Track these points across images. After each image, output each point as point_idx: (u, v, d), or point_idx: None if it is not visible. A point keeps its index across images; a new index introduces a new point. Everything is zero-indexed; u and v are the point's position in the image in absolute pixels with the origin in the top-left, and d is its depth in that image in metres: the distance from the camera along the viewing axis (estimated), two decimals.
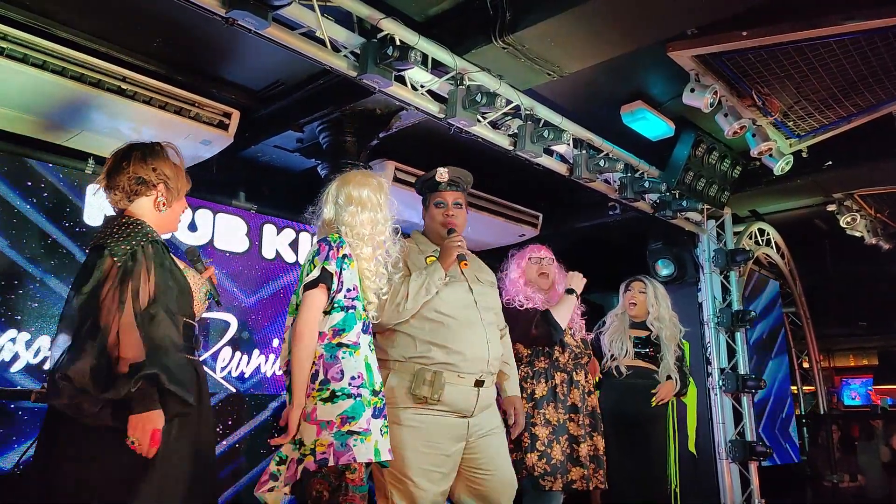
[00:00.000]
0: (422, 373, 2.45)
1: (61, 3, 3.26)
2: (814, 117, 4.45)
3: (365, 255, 2.44)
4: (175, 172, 2.14)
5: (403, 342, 2.53)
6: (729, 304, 5.62)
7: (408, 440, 2.44)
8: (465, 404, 2.51)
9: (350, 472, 2.26)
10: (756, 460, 5.34)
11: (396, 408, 2.46)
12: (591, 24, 3.20)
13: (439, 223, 2.72)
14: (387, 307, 2.49)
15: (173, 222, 2.20)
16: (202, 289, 2.13)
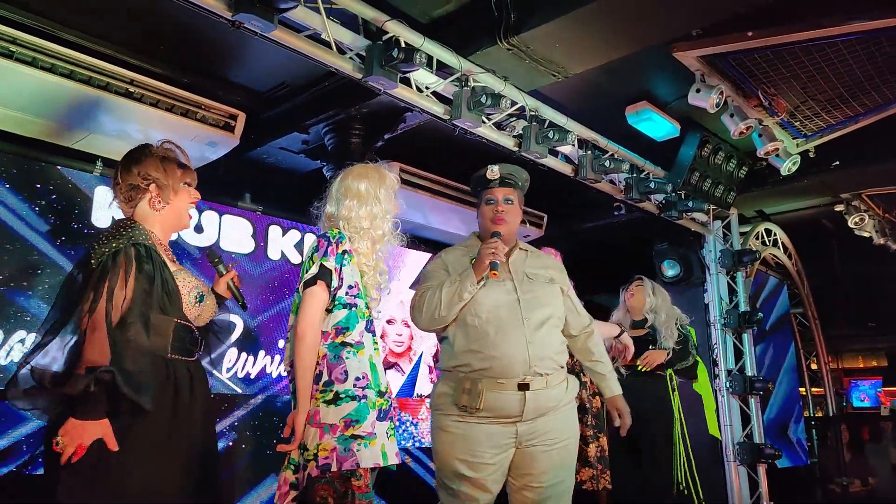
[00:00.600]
0: (462, 381, 2.39)
1: (69, 7, 3.29)
2: (821, 117, 4.43)
3: (363, 249, 2.35)
4: (165, 170, 2.10)
5: (446, 350, 2.49)
6: (736, 304, 5.60)
7: (451, 447, 2.39)
8: (508, 408, 2.36)
9: (356, 478, 2.15)
10: (765, 463, 5.31)
11: (442, 414, 2.43)
12: (595, 26, 3.21)
13: (489, 220, 2.59)
14: (424, 313, 2.44)
15: (179, 217, 2.17)
16: (193, 292, 2.06)
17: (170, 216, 2.13)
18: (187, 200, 2.17)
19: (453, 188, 5.07)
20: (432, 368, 5.70)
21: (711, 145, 4.78)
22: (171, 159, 2.15)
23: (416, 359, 5.57)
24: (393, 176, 2.54)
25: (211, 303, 2.17)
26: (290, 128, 4.18)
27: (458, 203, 5.11)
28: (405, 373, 5.47)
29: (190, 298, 2.05)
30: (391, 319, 5.45)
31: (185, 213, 2.18)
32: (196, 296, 2.07)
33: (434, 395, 2.48)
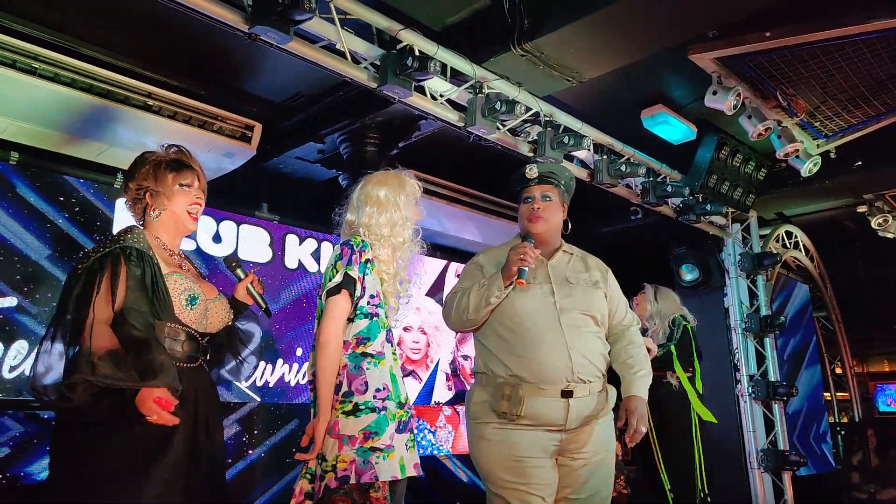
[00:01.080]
0: (501, 387, 2.27)
1: (88, 23, 3.34)
2: (841, 117, 4.37)
3: (383, 257, 2.31)
4: (155, 177, 2.05)
5: (484, 354, 2.39)
6: (757, 308, 5.53)
7: (492, 456, 2.28)
8: (552, 416, 2.25)
9: (374, 490, 2.13)
10: (790, 470, 5.22)
11: (480, 422, 2.32)
12: (610, 30, 3.19)
13: (525, 219, 2.50)
14: (453, 315, 2.37)
15: (179, 222, 2.09)
16: (183, 295, 1.96)
17: (168, 221, 2.07)
18: (184, 203, 2.08)
19: (468, 195, 5.07)
20: (449, 376, 5.69)
21: (729, 147, 4.74)
22: (165, 164, 2.08)
23: (433, 366, 5.56)
24: (415, 182, 2.49)
25: (218, 308, 2.10)
26: (306, 138, 4.21)
27: (473, 210, 5.11)
28: (422, 380, 5.46)
29: (181, 301, 1.96)
30: (408, 327, 5.45)
31: (183, 216, 2.08)
32: (187, 298, 1.97)
33: (470, 402, 2.36)
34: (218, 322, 2.10)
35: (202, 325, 2.03)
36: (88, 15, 3.28)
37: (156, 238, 2.04)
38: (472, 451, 2.37)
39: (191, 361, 1.98)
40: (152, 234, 2.05)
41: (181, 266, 2.06)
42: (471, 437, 2.37)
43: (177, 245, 2.11)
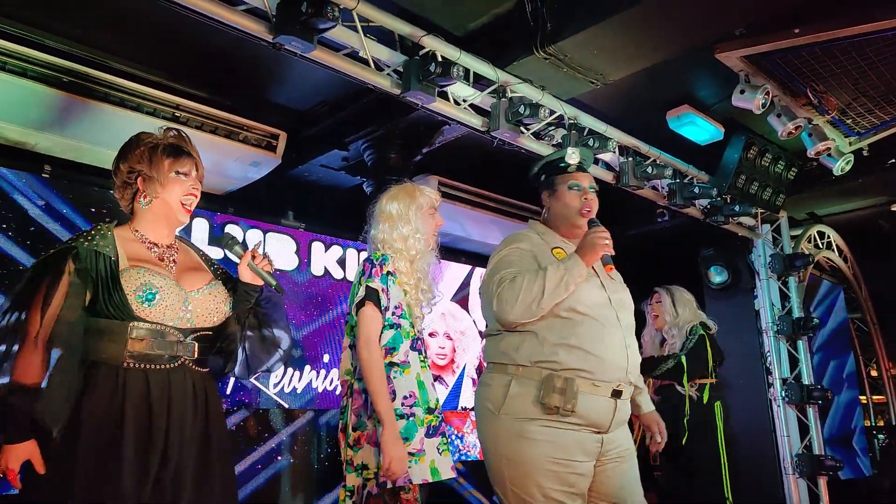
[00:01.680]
0: (551, 379, 2.08)
1: (118, 37, 3.40)
2: (874, 114, 4.27)
3: (403, 269, 2.42)
4: (151, 161, 1.90)
5: (530, 344, 2.15)
6: (789, 310, 5.42)
7: (536, 457, 2.07)
8: (600, 417, 2.13)
9: (405, 492, 2.23)
10: (825, 475, 5.10)
11: (521, 419, 2.10)
12: (634, 31, 3.16)
13: (575, 209, 2.34)
14: (519, 303, 2.11)
15: (171, 212, 1.93)
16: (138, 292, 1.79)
17: (159, 210, 1.92)
18: (178, 193, 1.92)
19: (492, 199, 5.06)
20: (475, 381, 5.67)
21: (758, 147, 4.65)
22: (159, 147, 1.93)
23: (459, 371, 5.55)
24: (429, 193, 2.57)
25: (205, 299, 1.91)
26: (331, 145, 4.23)
27: (497, 214, 5.10)
28: (448, 386, 5.45)
29: (135, 298, 1.78)
30: (433, 332, 5.44)
31: (176, 206, 1.93)
32: (142, 294, 1.78)
33: (501, 397, 2.13)
34: (207, 314, 1.91)
35: (183, 319, 1.85)
36: (118, 30, 3.33)
37: (134, 231, 1.92)
38: (501, 450, 2.13)
39: (170, 362, 1.81)
40: (132, 226, 1.93)
41: (162, 258, 1.91)
42: (502, 435, 2.12)
43: (165, 236, 1.96)
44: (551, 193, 2.42)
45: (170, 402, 1.78)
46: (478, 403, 2.23)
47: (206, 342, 1.92)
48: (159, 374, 1.79)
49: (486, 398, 2.18)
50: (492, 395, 2.16)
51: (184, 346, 1.85)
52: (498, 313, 2.15)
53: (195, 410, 1.83)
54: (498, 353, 2.21)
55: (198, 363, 1.89)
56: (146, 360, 1.78)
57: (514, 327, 2.17)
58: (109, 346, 1.76)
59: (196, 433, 1.82)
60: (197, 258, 2.06)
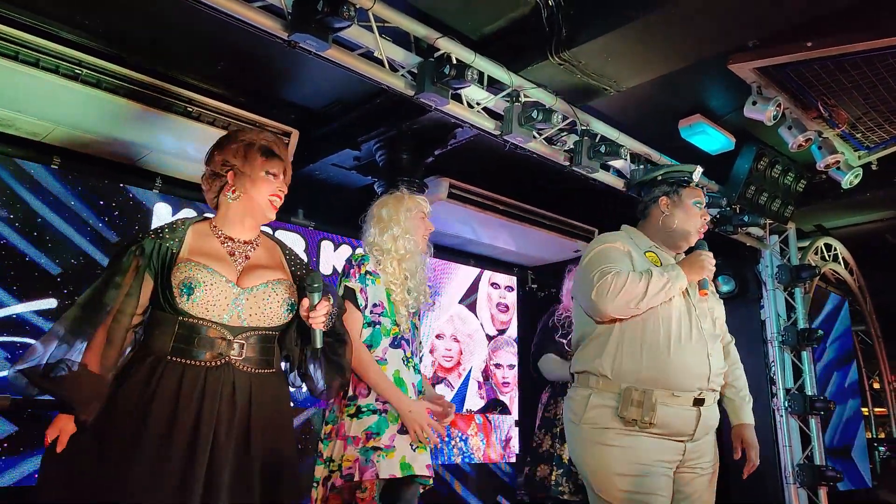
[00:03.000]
0: (629, 392, 2.10)
1: (130, 31, 3.42)
2: (883, 128, 4.28)
3: (390, 269, 2.51)
4: (245, 156, 1.95)
5: (609, 355, 2.17)
6: (794, 321, 5.42)
7: (613, 462, 2.09)
8: (684, 426, 2.14)
9: (360, 490, 2.29)
10: (826, 485, 5.11)
11: (599, 428, 2.14)
12: (649, 39, 3.17)
13: (695, 227, 2.40)
14: (619, 298, 2.11)
15: (257, 209, 1.96)
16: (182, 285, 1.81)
17: (246, 207, 1.95)
18: (266, 192, 1.95)
19: (503, 203, 5.07)
20: (481, 384, 5.68)
21: (768, 158, 4.66)
22: (255, 145, 1.97)
23: (465, 374, 5.56)
24: (420, 200, 2.68)
25: (259, 299, 1.88)
26: (342, 144, 4.24)
27: (507, 218, 5.11)
28: (454, 388, 5.46)
29: (178, 291, 1.79)
30: (440, 334, 5.45)
31: (263, 205, 1.96)
32: (183, 289, 1.79)
33: (582, 408, 2.18)
34: (261, 313, 1.88)
35: (232, 317, 1.83)
36: (131, 22, 3.35)
37: (213, 226, 1.95)
38: (583, 458, 2.18)
39: (212, 360, 1.79)
40: (213, 221, 1.97)
41: (233, 253, 1.92)
42: (583, 443, 2.18)
43: (246, 231, 1.98)
44: (673, 203, 2.41)
45: (202, 399, 1.75)
46: (564, 415, 2.33)
47: (265, 342, 1.90)
48: (196, 370, 1.78)
49: (570, 409, 2.26)
50: (574, 406, 2.23)
51: (231, 344, 1.82)
52: (596, 302, 2.14)
53: (232, 410, 1.78)
54: (581, 364, 2.26)
55: (249, 362, 1.85)
56: (185, 354, 1.79)
57: (605, 320, 2.19)
58: (159, 339, 1.80)
59: (233, 434, 1.77)
60: (279, 257, 2.06)
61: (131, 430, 1.70)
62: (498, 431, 5.72)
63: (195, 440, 1.71)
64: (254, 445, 1.80)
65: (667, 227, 2.39)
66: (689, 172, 2.44)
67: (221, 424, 1.76)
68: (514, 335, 6.08)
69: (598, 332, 2.22)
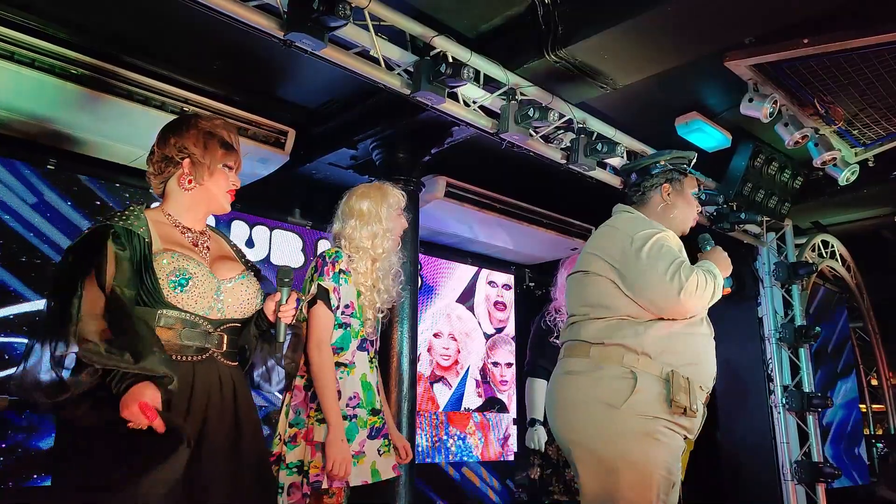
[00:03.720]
0: (676, 376, 1.94)
1: (125, 31, 3.41)
2: (880, 125, 4.28)
3: (362, 269, 2.38)
4: (205, 146, 1.86)
5: (655, 335, 2.00)
6: (791, 318, 5.43)
7: (659, 461, 1.92)
8: (697, 424, 2.05)
9: (328, 496, 2.20)
10: (824, 482, 5.12)
11: (649, 416, 1.93)
12: (645, 37, 3.17)
13: (692, 218, 2.35)
14: (703, 297, 2.00)
15: (213, 200, 1.89)
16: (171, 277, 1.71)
17: (200, 198, 1.88)
18: (224, 186, 1.89)
19: (500, 201, 5.07)
20: (479, 382, 5.68)
21: (764, 155, 4.67)
22: (215, 136, 1.89)
23: (462, 372, 5.56)
24: (398, 193, 2.53)
25: (238, 289, 1.84)
26: (339, 143, 4.24)
27: (504, 216, 5.11)
28: (452, 387, 5.46)
29: (167, 283, 1.71)
30: (438, 333, 5.45)
31: (219, 198, 1.90)
32: (175, 279, 1.72)
33: (627, 389, 1.96)
34: (239, 305, 1.85)
35: (214, 309, 1.78)
36: (126, 21, 3.34)
37: (167, 215, 1.86)
38: (623, 449, 1.94)
39: (197, 354, 1.74)
40: (163, 209, 1.87)
41: (196, 243, 1.86)
42: (625, 433, 1.94)
43: (198, 222, 1.90)
44: (676, 191, 2.31)
45: (191, 396, 1.69)
46: (579, 396, 2.04)
47: (236, 335, 1.86)
48: (184, 366, 1.70)
49: (599, 390, 1.99)
50: (607, 387, 1.98)
51: (213, 337, 1.78)
52: (683, 298, 1.96)
53: (222, 405, 1.75)
54: (611, 335, 2.03)
55: (227, 356, 1.82)
56: (173, 350, 1.70)
57: (665, 317, 2.03)
58: None
59: (224, 428, 1.74)
60: (228, 248, 2.00)
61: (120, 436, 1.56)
62: (496, 430, 5.72)
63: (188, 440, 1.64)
64: (244, 440, 1.77)
65: (666, 216, 2.28)
66: (690, 159, 2.39)
67: (212, 422, 1.71)
68: (511, 333, 6.08)
69: (642, 313, 2.05)
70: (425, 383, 5.23)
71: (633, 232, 2.11)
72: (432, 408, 5.26)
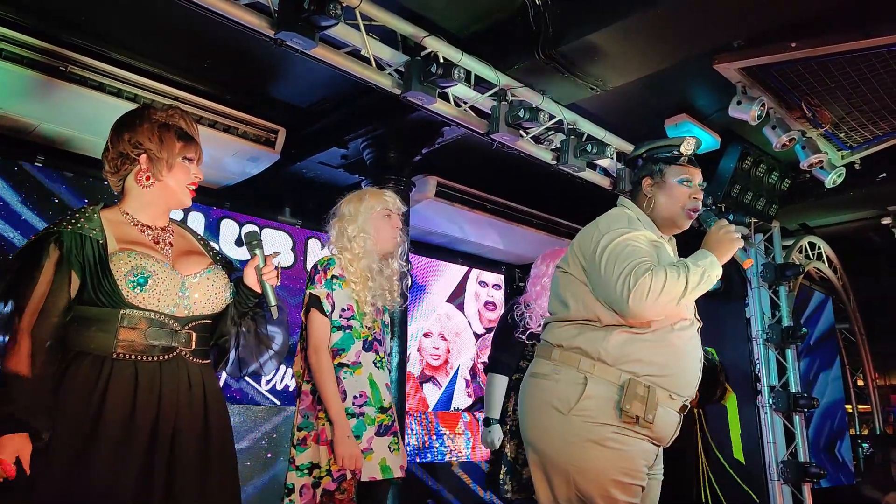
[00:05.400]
0: (633, 384, 1.88)
1: (116, 27, 3.39)
2: (866, 128, 4.33)
3: (352, 269, 2.48)
4: (161, 140, 1.78)
5: (617, 340, 1.92)
6: (779, 319, 5.48)
7: (607, 466, 1.88)
8: (667, 431, 1.98)
9: (339, 492, 2.29)
10: (810, 482, 5.17)
11: (594, 423, 1.89)
12: (634, 39, 3.19)
13: (682, 208, 2.13)
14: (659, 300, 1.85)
15: (173, 196, 1.83)
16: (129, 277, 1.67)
17: (160, 195, 1.81)
18: (184, 180, 1.83)
19: (491, 201, 5.08)
20: (469, 382, 5.69)
21: (752, 157, 4.70)
22: (171, 128, 1.81)
23: (452, 372, 5.57)
24: (387, 198, 2.62)
25: (204, 284, 1.80)
26: (330, 143, 4.24)
27: (495, 216, 5.12)
28: (442, 386, 5.47)
29: (125, 283, 1.65)
30: (428, 333, 5.46)
31: (179, 193, 1.83)
32: (133, 279, 1.66)
33: (575, 395, 1.91)
34: (206, 300, 1.80)
35: (180, 306, 1.74)
36: (116, 20, 3.33)
37: (124, 213, 1.79)
38: (568, 455, 1.91)
39: (164, 353, 1.70)
40: (121, 207, 1.80)
41: (156, 241, 1.80)
42: (570, 439, 1.90)
43: (158, 218, 1.84)
44: (656, 183, 2.15)
45: (160, 396, 1.66)
46: (537, 399, 2.00)
47: (206, 332, 1.82)
48: (150, 366, 1.67)
49: (553, 395, 1.95)
50: (561, 392, 1.93)
51: (180, 335, 1.73)
52: (633, 309, 1.86)
53: (191, 404, 1.72)
54: (570, 339, 1.97)
55: (196, 354, 1.77)
56: (138, 350, 1.66)
57: (628, 323, 1.93)
58: (98, 336, 1.64)
59: (195, 428, 1.71)
60: (195, 242, 1.94)
61: (81, 441, 1.55)
62: None
63: (154, 442, 1.63)
64: (213, 439, 1.74)
65: (650, 209, 2.16)
66: (675, 146, 2.17)
67: (182, 422, 1.68)
68: None
69: (607, 317, 1.97)
70: (415, 383, 5.23)
71: (604, 230, 2.02)
72: (422, 407, 5.27)
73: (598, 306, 1.97)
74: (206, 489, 1.69)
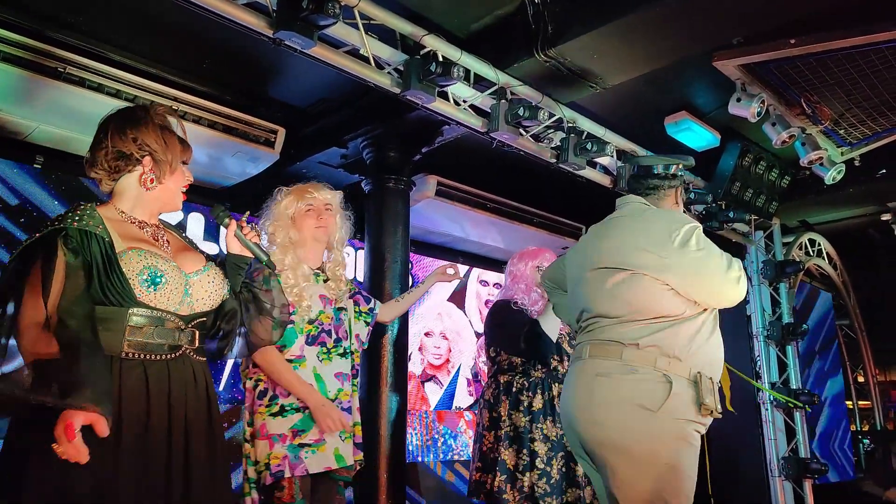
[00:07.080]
0: (703, 378, 1.94)
1: (114, 28, 3.39)
2: (866, 125, 4.32)
3: (284, 268, 2.50)
4: (166, 143, 1.78)
5: (685, 336, 1.99)
6: (779, 316, 5.48)
7: (692, 464, 1.93)
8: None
9: (278, 490, 2.32)
10: (811, 478, 5.17)
11: (681, 420, 1.93)
12: (634, 36, 3.18)
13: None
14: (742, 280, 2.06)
15: (171, 200, 1.84)
16: (142, 275, 1.65)
17: (160, 197, 1.81)
18: (181, 183, 1.84)
19: (491, 200, 5.08)
20: (470, 381, 5.69)
21: (752, 155, 4.71)
22: (170, 131, 1.81)
23: (454, 371, 5.57)
24: (307, 192, 2.65)
25: (204, 281, 1.79)
26: (329, 142, 4.23)
27: (495, 215, 5.12)
28: (443, 385, 5.47)
29: (138, 281, 1.64)
30: (429, 332, 5.46)
31: (177, 196, 1.84)
32: (147, 277, 1.65)
33: (663, 394, 1.92)
34: (207, 297, 1.80)
35: (184, 304, 1.73)
36: (115, 21, 3.32)
37: (120, 212, 1.76)
38: (659, 453, 1.91)
39: (171, 352, 1.69)
40: (115, 205, 1.77)
41: (156, 238, 1.79)
42: (662, 438, 1.92)
43: (152, 216, 1.83)
44: (680, 198, 2.42)
45: (169, 395, 1.65)
46: (615, 397, 1.99)
47: (205, 329, 1.82)
48: (158, 365, 1.66)
49: (638, 393, 1.95)
50: (646, 391, 1.94)
51: (185, 333, 1.73)
52: (741, 289, 2.07)
53: (197, 402, 1.72)
54: (648, 337, 1.99)
55: (198, 352, 1.78)
56: (145, 349, 1.65)
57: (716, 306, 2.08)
58: (105, 336, 1.60)
59: (202, 426, 1.72)
60: (182, 240, 1.93)
61: (101, 447, 1.49)
62: None
63: (170, 444, 1.63)
64: (217, 437, 1.77)
65: None
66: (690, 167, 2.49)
67: (192, 423, 1.69)
68: None
69: (688, 312, 2.03)
70: (416, 382, 5.23)
71: (680, 223, 2.09)
72: (423, 407, 5.27)
73: (674, 301, 2.02)
74: (214, 485, 1.72)
